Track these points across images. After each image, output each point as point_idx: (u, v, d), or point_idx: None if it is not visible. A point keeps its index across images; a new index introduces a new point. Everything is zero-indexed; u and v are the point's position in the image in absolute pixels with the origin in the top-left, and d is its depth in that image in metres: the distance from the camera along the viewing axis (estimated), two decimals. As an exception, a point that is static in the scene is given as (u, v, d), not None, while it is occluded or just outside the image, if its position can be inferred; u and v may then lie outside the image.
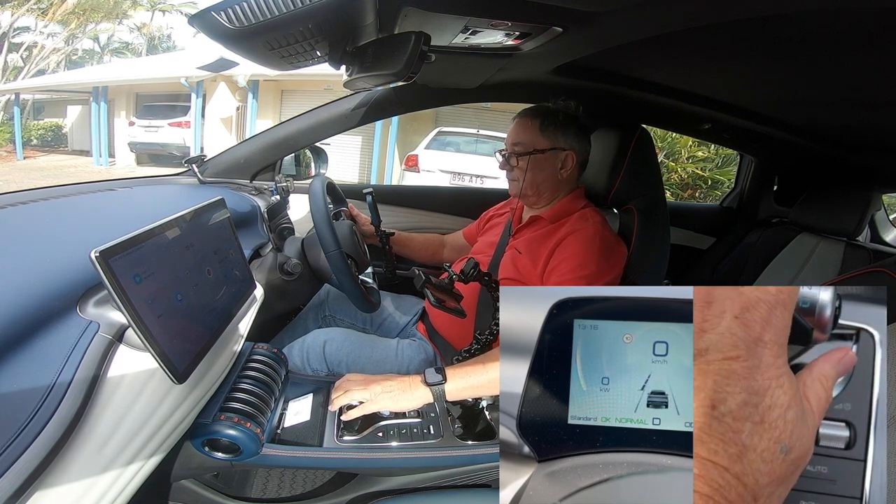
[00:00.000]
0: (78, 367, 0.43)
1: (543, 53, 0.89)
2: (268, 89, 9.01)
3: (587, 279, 0.90)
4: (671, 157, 5.51)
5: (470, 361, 0.83)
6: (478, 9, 0.69)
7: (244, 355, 0.75)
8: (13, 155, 10.40)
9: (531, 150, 1.03)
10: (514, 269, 1.01)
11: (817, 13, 0.62)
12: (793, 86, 1.03)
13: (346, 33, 0.75)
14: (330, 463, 0.70)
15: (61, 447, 0.39)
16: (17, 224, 0.68)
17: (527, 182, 1.05)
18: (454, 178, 5.58)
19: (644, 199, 1.09)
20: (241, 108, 9.23)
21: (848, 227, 1.41)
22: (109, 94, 9.83)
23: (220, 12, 0.57)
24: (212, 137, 8.93)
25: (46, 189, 0.88)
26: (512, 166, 1.07)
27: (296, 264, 1.01)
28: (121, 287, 0.42)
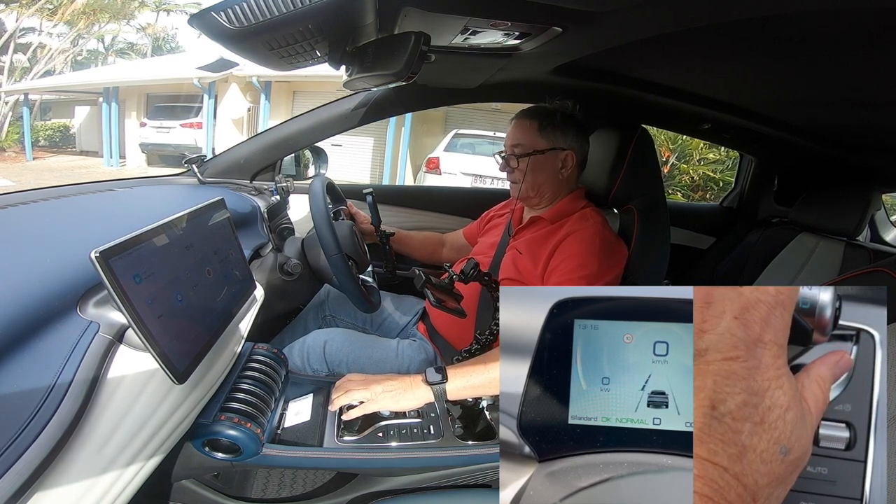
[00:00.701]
0: (78, 368, 0.43)
1: (543, 53, 0.89)
2: (280, 90, 9.02)
3: (588, 279, 0.90)
4: (682, 159, 5.51)
5: (470, 361, 0.83)
6: (478, 9, 0.69)
7: (244, 355, 0.75)
8: (22, 156, 10.40)
9: (531, 150, 1.03)
10: (514, 270, 1.01)
11: (817, 13, 0.62)
12: (793, 86, 1.03)
13: (346, 33, 0.75)
14: (330, 463, 0.70)
15: (62, 447, 0.39)
16: (18, 224, 0.68)
17: (528, 183, 1.05)
18: (475, 181, 5.57)
19: (644, 199, 1.09)
20: (253, 109, 9.24)
21: (848, 226, 1.41)
22: (120, 95, 9.80)
23: (220, 12, 0.57)
24: (223, 138, 8.93)
25: (46, 189, 0.88)
26: (512, 168, 1.06)
27: (296, 264, 1.01)
28: (121, 287, 0.42)
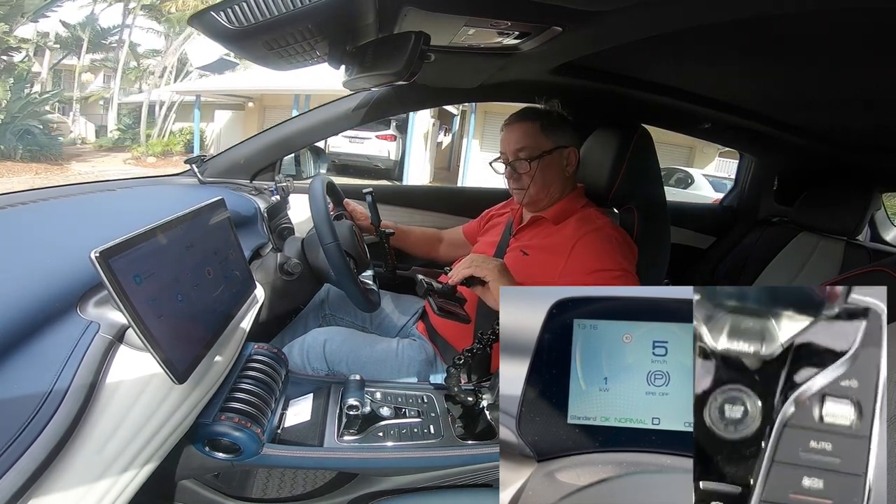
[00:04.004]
0: (78, 368, 0.43)
1: (543, 53, 0.89)
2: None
3: (618, 279, 0.88)
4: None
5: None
6: (478, 9, 0.69)
7: (244, 355, 0.75)
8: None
9: (539, 152, 1.01)
10: (518, 271, 1.01)
11: (817, 13, 0.62)
12: (793, 86, 1.03)
13: (346, 33, 0.74)
14: (330, 463, 0.70)
15: (62, 447, 0.39)
16: (18, 224, 0.68)
17: (538, 185, 1.02)
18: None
19: (644, 199, 1.09)
20: (436, 124, 9.44)
21: (848, 226, 1.41)
22: (312, 103, 9.56)
23: (220, 12, 0.57)
24: (415, 151, 9.05)
25: (46, 189, 0.88)
26: (521, 173, 1.03)
27: (296, 264, 1.01)
28: (121, 287, 0.42)
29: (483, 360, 0.97)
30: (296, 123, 1.28)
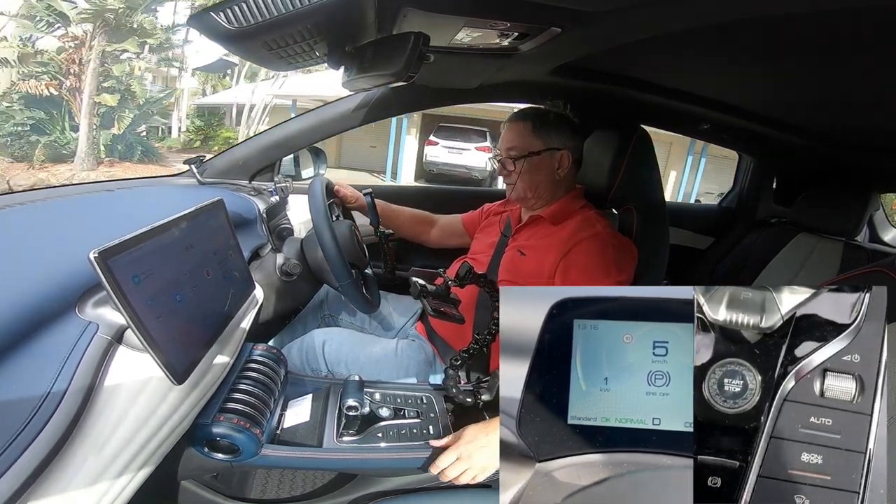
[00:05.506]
0: (77, 368, 0.43)
1: (542, 54, 0.89)
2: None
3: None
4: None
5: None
6: (477, 9, 0.69)
7: (244, 356, 0.75)
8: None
9: (526, 153, 1.03)
10: (515, 271, 1.01)
11: (818, 13, 0.62)
12: (793, 86, 1.03)
13: (346, 34, 0.74)
14: (329, 464, 0.70)
15: (60, 448, 0.39)
16: (17, 224, 0.68)
17: (524, 184, 1.05)
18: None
19: (643, 200, 1.09)
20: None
21: (847, 226, 1.41)
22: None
23: (219, 12, 0.57)
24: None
25: (46, 190, 0.88)
26: (509, 171, 1.06)
27: (295, 265, 1.00)
28: (120, 288, 0.42)
29: (481, 359, 0.97)
30: (295, 124, 1.28)
